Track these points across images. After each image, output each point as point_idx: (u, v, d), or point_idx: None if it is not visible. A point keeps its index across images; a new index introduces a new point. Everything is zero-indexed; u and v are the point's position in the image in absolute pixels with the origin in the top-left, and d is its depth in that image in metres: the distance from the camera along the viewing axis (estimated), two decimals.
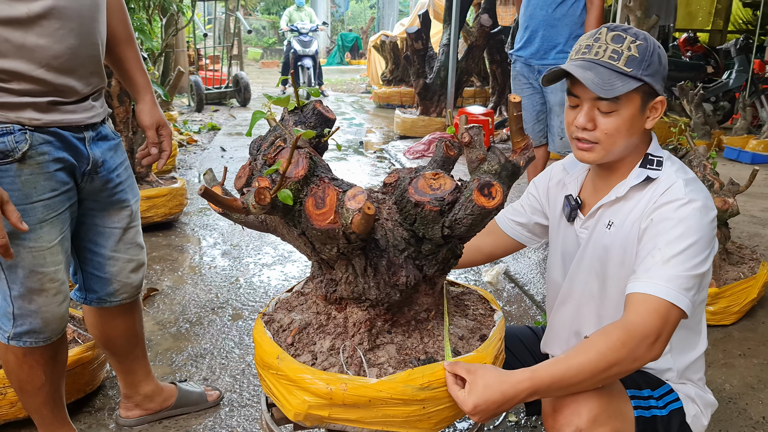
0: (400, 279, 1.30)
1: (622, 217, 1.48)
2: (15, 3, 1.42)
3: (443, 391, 1.30)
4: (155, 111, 1.90)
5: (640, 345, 1.26)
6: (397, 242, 1.32)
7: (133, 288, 1.92)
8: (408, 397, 1.27)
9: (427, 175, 1.25)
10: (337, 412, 1.30)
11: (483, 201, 1.21)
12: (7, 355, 1.69)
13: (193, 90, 9.37)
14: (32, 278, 1.59)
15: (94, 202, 1.76)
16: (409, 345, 1.40)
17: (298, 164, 1.20)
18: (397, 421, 1.30)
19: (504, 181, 1.30)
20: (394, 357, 1.37)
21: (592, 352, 1.25)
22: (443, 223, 1.24)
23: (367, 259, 1.29)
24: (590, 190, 1.61)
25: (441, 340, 1.43)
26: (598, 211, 1.55)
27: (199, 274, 3.52)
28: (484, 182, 1.22)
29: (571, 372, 1.25)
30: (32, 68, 1.48)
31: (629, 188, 1.48)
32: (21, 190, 1.52)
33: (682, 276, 1.30)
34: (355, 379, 1.29)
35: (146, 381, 2.12)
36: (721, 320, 2.81)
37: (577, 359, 1.26)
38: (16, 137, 1.50)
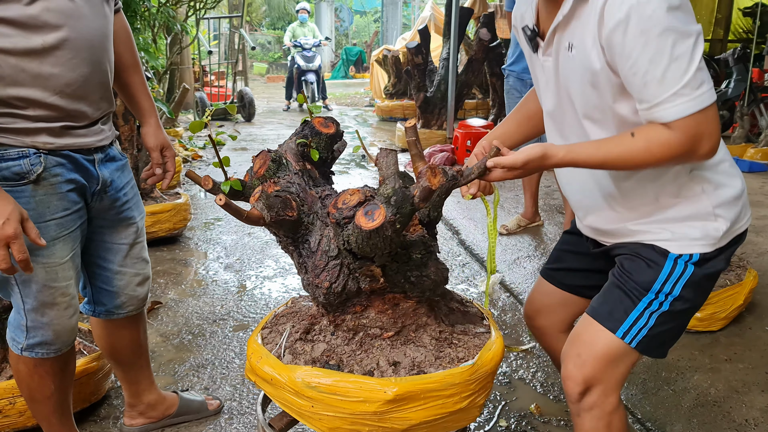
0: (323, 282, 1.42)
1: (579, 37, 1.39)
2: (31, 35, 1.52)
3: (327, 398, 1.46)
4: (159, 133, 2.01)
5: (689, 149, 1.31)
6: (329, 248, 1.43)
7: (139, 300, 2.02)
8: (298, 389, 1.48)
9: (350, 190, 1.36)
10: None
11: (362, 221, 1.31)
12: (18, 365, 1.79)
13: (199, 106, 9.52)
14: (45, 292, 1.68)
15: (103, 220, 1.86)
16: (338, 349, 1.52)
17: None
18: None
19: (393, 205, 1.33)
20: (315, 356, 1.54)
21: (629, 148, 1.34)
22: (342, 236, 1.35)
23: (300, 257, 1.50)
24: (544, 16, 1.53)
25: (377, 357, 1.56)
26: (555, 36, 1.47)
27: (202, 287, 3.62)
28: (370, 206, 1.32)
29: (603, 157, 1.37)
30: (47, 95, 1.59)
31: (571, 3, 1.38)
32: (36, 210, 1.61)
33: (686, 83, 1.25)
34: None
35: (149, 390, 2.21)
36: (709, 326, 2.87)
37: (612, 149, 1.36)
38: (31, 160, 1.60)
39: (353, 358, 1.54)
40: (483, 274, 3.86)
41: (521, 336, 3.05)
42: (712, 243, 1.50)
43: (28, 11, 1.51)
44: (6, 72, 1.53)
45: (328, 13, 21.59)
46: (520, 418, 2.38)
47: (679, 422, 2.32)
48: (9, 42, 1.51)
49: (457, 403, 1.51)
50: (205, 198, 5.64)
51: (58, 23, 1.56)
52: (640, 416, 2.37)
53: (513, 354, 2.86)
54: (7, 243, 1.45)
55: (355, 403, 1.43)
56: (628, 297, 1.53)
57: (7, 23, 1.50)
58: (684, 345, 2.82)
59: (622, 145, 1.35)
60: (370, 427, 1.45)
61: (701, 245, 1.50)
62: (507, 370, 2.73)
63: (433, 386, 1.47)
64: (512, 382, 2.64)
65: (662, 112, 1.29)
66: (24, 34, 1.52)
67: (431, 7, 11.41)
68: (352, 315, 1.60)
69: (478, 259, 4.10)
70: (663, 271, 1.50)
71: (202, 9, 7.53)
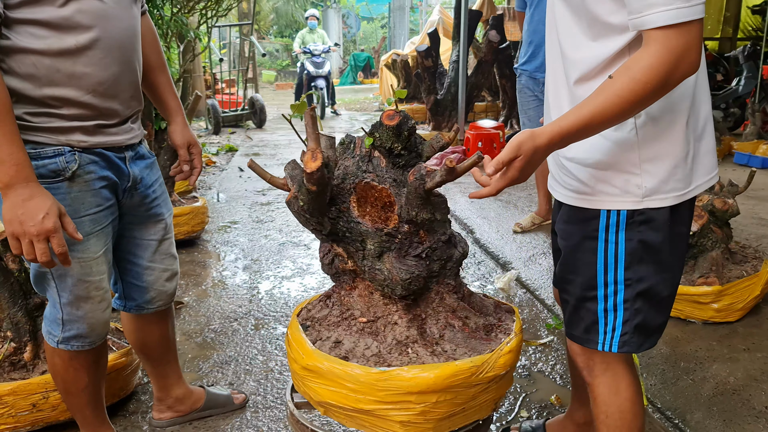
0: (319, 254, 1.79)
1: None
2: (64, 36, 1.58)
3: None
4: (186, 131, 2.07)
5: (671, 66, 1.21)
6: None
7: (167, 295, 2.07)
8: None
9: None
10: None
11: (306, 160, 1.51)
12: (54, 358, 1.84)
13: (211, 113, 9.62)
14: (80, 286, 1.74)
15: (133, 217, 1.91)
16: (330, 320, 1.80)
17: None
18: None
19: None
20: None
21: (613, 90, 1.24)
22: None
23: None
24: None
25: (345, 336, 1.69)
26: None
27: (221, 287, 3.67)
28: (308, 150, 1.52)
29: (589, 115, 1.27)
30: (80, 94, 1.64)
31: None
32: (71, 206, 1.67)
33: None
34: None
35: (177, 384, 2.26)
36: (726, 317, 2.89)
37: (594, 101, 1.26)
38: (66, 158, 1.65)
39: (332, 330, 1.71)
40: (498, 272, 3.89)
41: (539, 330, 3.08)
42: (635, 200, 1.41)
43: (62, 13, 1.57)
44: (42, 72, 1.58)
45: (336, 19, 21.72)
46: (541, 409, 2.41)
47: (699, 411, 2.35)
48: (44, 43, 1.56)
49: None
50: (219, 202, 5.70)
51: (90, 24, 1.61)
52: (660, 405, 2.40)
53: (531, 348, 2.89)
54: (47, 236, 1.50)
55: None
56: (585, 309, 1.54)
57: (41, 25, 1.56)
58: (702, 336, 2.85)
59: (605, 91, 1.26)
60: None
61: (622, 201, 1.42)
62: (526, 363, 2.76)
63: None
64: (532, 374, 2.67)
65: (655, 16, 1.20)
66: (58, 35, 1.58)
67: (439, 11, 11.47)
68: (345, 292, 1.76)
69: (494, 257, 4.13)
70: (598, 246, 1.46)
71: (214, 17, 7.62)
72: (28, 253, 1.51)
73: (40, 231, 1.49)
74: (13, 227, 1.50)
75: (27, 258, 1.52)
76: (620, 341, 1.51)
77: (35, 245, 1.50)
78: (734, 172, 6.17)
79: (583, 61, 1.39)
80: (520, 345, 1.69)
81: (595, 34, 1.36)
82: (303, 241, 4.51)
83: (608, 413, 1.60)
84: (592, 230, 1.46)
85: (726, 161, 6.87)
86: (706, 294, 2.86)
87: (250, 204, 5.61)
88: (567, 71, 1.45)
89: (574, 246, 1.52)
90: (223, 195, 5.97)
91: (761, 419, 2.27)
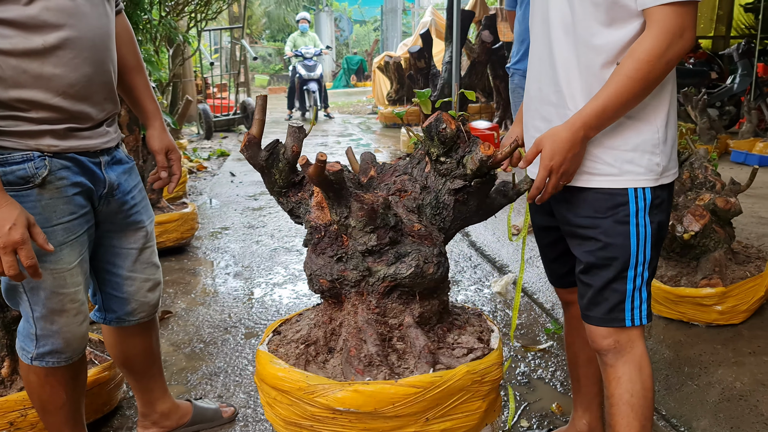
0: None
1: None
2: (31, 35, 1.49)
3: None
4: (164, 136, 1.97)
5: (669, 44, 1.37)
6: None
7: (150, 307, 1.98)
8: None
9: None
10: None
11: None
12: (29, 375, 1.75)
13: (202, 118, 9.52)
14: (53, 299, 1.64)
15: (111, 224, 1.82)
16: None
17: None
18: None
19: None
20: None
21: (621, 76, 1.40)
22: None
23: None
24: None
25: None
26: None
27: (211, 295, 3.58)
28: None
29: (603, 103, 1.41)
30: (49, 97, 1.55)
31: None
32: (42, 214, 1.58)
33: None
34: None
35: (163, 399, 2.17)
36: (730, 319, 2.81)
37: (607, 89, 1.41)
38: (36, 163, 1.56)
39: None
40: (495, 275, 3.81)
41: (537, 335, 3.00)
42: (655, 178, 1.56)
43: (27, 11, 1.49)
44: (7, 74, 1.50)
45: (328, 23, 21.65)
46: (541, 418, 2.33)
47: (705, 417, 2.26)
48: (9, 43, 1.49)
49: None
50: (211, 207, 5.61)
51: (58, 22, 1.53)
52: (665, 413, 2.32)
53: (531, 354, 2.80)
54: (14, 249, 1.42)
55: None
56: (611, 290, 1.60)
57: (6, 24, 1.48)
58: (706, 339, 2.77)
59: (615, 76, 1.42)
60: None
61: (646, 180, 1.55)
62: (526, 369, 2.67)
63: None
64: (531, 381, 2.58)
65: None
66: (24, 35, 1.50)
67: (432, 12, 11.42)
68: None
69: (490, 260, 4.05)
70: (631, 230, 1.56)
71: (204, 20, 7.54)
72: None
73: (7, 243, 1.40)
74: None
75: None
76: (647, 312, 1.63)
77: (2, 258, 1.41)
78: (731, 171, 6.11)
79: (606, 46, 1.48)
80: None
81: (612, 19, 1.46)
82: (295, 247, 4.42)
83: (633, 391, 1.62)
84: (623, 216, 1.55)
85: (723, 159, 6.81)
86: (709, 296, 2.78)
87: (241, 209, 5.52)
88: (586, 58, 1.52)
89: (607, 232, 1.58)
90: (214, 200, 5.88)
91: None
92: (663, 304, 2.90)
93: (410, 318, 1.62)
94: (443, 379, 1.49)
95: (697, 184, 3.01)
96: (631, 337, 1.64)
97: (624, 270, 1.58)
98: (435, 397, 1.49)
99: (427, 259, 1.59)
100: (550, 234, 1.85)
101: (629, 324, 1.61)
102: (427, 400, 1.48)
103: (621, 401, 1.64)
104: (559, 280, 1.94)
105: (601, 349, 1.67)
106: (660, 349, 2.74)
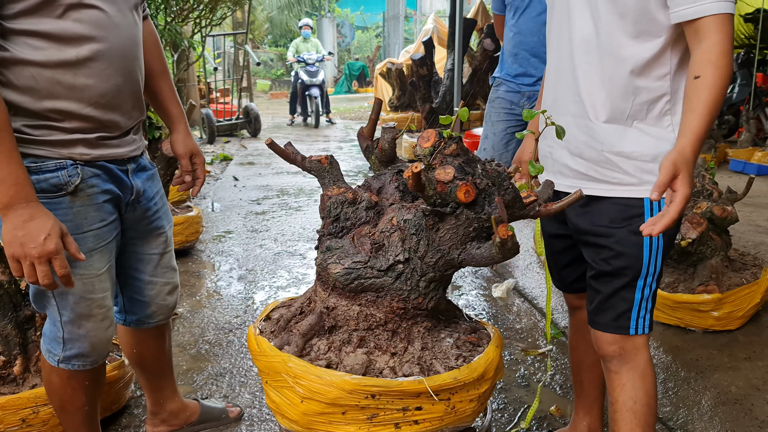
0: None
1: None
2: (64, 47, 1.52)
3: None
4: (189, 140, 2.00)
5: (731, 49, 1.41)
6: None
7: (168, 309, 2.02)
8: None
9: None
10: None
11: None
12: (51, 376, 1.78)
13: (205, 122, 9.58)
14: (82, 304, 1.67)
15: (135, 231, 1.85)
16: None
17: None
18: None
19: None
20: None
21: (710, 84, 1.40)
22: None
23: None
24: None
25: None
26: None
27: (216, 298, 3.63)
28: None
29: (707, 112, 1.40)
30: (82, 107, 1.58)
31: None
32: (73, 221, 1.60)
33: None
34: None
35: (172, 398, 2.21)
36: (726, 325, 2.87)
37: (702, 100, 1.40)
38: (68, 172, 1.59)
39: None
40: (497, 280, 3.86)
41: (537, 340, 3.05)
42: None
43: (61, 23, 1.51)
44: (41, 85, 1.52)
45: (330, 29, 21.73)
46: (540, 420, 2.38)
47: (701, 421, 2.32)
48: (43, 55, 1.51)
49: None
50: (213, 211, 5.66)
51: (90, 34, 1.56)
52: (662, 416, 2.37)
53: (530, 357, 2.85)
54: (48, 258, 1.45)
55: None
56: (619, 297, 1.64)
57: (40, 36, 1.50)
58: (702, 345, 2.82)
59: (702, 88, 1.40)
60: None
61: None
62: (525, 373, 2.72)
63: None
64: (531, 385, 2.63)
65: (710, 5, 1.39)
66: (57, 47, 1.52)
67: (434, 20, 11.48)
68: None
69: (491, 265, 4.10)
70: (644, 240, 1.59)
71: (208, 26, 7.61)
72: (29, 275, 1.46)
73: (42, 253, 1.43)
74: (13, 249, 1.44)
75: (28, 280, 1.47)
76: (650, 322, 1.67)
77: (37, 267, 1.45)
78: (730, 179, 6.17)
79: (632, 58, 1.53)
80: None
81: (639, 31, 1.51)
82: (298, 251, 4.47)
83: (637, 398, 1.67)
84: (638, 226, 1.54)
85: (721, 168, 6.87)
86: (705, 302, 2.83)
87: (245, 213, 5.57)
88: (611, 69, 1.56)
89: (621, 242, 1.61)
90: (217, 204, 5.93)
91: (765, 429, 2.24)
92: (661, 309, 2.96)
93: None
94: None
95: (694, 192, 3.07)
96: (636, 345, 1.67)
97: (634, 279, 1.62)
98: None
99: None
100: (561, 241, 1.88)
101: (633, 332, 1.65)
102: None
103: (624, 408, 1.68)
104: (569, 286, 1.97)
105: (606, 355, 1.71)
106: (657, 353, 2.79)
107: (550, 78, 1.75)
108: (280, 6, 22.27)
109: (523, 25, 3.58)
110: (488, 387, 1.61)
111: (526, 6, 3.56)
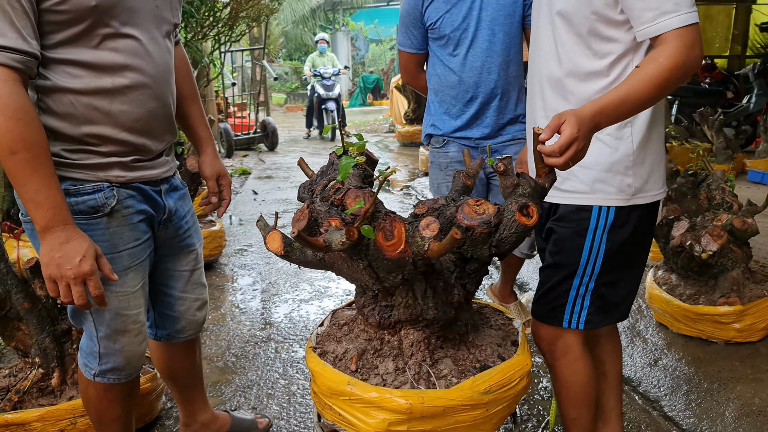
0: (455, 297, 1.47)
1: None
2: (101, 75, 1.59)
3: (503, 392, 1.51)
4: (216, 162, 2.08)
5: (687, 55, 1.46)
6: (447, 265, 1.49)
7: (198, 324, 2.09)
8: (475, 401, 1.47)
9: (470, 202, 1.43)
10: (415, 425, 1.47)
11: (524, 220, 1.42)
12: (88, 389, 1.85)
13: (223, 137, 9.70)
14: (117, 320, 1.74)
15: (167, 249, 1.92)
16: (461, 357, 1.57)
17: (365, 202, 1.36)
18: (466, 426, 1.49)
19: (536, 201, 1.48)
20: (454, 369, 1.53)
21: (643, 74, 1.46)
22: (491, 242, 1.41)
23: (427, 282, 1.46)
24: None
25: (484, 349, 1.59)
26: None
27: (240, 311, 3.69)
28: (522, 204, 1.41)
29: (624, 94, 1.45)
30: (117, 132, 1.65)
31: None
32: (109, 241, 1.67)
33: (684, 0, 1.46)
34: (430, 392, 1.47)
35: (204, 410, 2.27)
36: (748, 337, 2.88)
37: (628, 84, 1.46)
38: (105, 194, 1.65)
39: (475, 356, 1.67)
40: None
41: None
42: (625, 198, 1.67)
43: (98, 54, 1.58)
44: (79, 111, 1.59)
45: (345, 42, 21.91)
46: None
47: None
48: (81, 83, 1.57)
49: None
50: (231, 225, 5.74)
51: (125, 63, 1.62)
52: (685, 428, 2.39)
53: None
54: (83, 279, 1.51)
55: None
56: (558, 290, 1.76)
57: (78, 65, 1.57)
58: (724, 356, 2.83)
59: (635, 75, 1.47)
60: None
61: (616, 199, 1.67)
62: (548, 385, 2.75)
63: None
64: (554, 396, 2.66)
65: (671, 20, 1.46)
66: (94, 75, 1.59)
67: None
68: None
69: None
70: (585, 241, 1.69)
71: (227, 42, 7.73)
72: (65, 295, 1.51)
73: (77, 274, 1.49)
74: (50, 270, 1.50)
75: (64, 300, 1.53)
76: (585, 320, 1.77)
77: (72, 288, 1.50)
78: (748, 190, 6.16)
79: (592, 73, 1.64)
80: None
81: (594, 51, 1.62)
82: None
83: (569, 389, 1.86)
84: (582, 229, 1.70)
85: (739, 179, 6.85)
86: (727, 314, 2.85)
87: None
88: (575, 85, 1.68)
89: (564, 239, 1.74)
90: (237, 218, 6.01)
91: None
92: (682, 321, 2.98)
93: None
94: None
95: (714, 204, 3.10)
96: (568, 342, 1.81)
97: (571, 276, 1.74)
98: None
99: None
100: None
101: (566, 325, 1.78)
102: None
103: (560, 395, 1.90)
104: None
105: (541, 346, 1.87)
106: (679, 365, 2.81)
107: (529, 92, 1.87)
108: (295, 20, 22.48)
109: (472, 59, 2.70)
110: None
111: (473, 36, 2.68)
